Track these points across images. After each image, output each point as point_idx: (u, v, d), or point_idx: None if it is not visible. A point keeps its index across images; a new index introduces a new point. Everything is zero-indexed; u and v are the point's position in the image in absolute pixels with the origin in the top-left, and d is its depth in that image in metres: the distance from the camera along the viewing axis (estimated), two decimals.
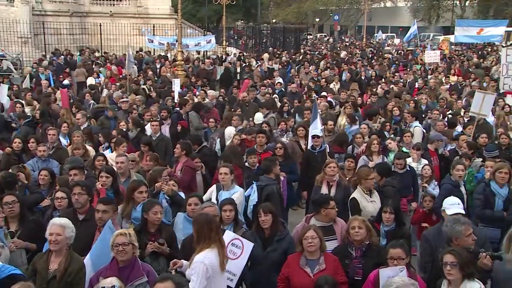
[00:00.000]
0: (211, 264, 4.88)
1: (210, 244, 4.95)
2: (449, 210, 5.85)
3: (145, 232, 5.74)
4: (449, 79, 20.39)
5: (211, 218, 5.29)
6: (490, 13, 62.10)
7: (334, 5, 75.74)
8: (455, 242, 5.15)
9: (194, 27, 38.58)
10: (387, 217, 6.24)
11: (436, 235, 5.84)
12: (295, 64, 26.72)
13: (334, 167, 7.74)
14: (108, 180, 6.95)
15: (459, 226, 5.14)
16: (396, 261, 4.98)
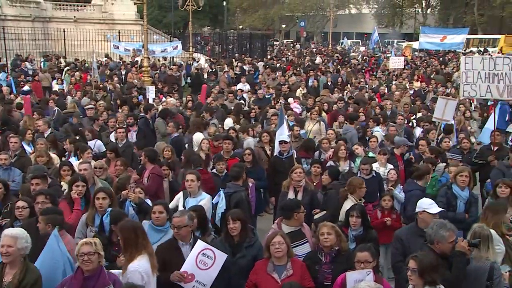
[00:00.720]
0: (145, 270, 4.99)
1: (140, 251, 5.05)
2: (432, 210, 5.94)
3: (111, 243, 5.71)
4: (412, 85, 20.81)
5: (136, 224, 5.40)
6: (450, 20, 64.03)
7: (300, 12, 76.51)
8: (436, 245, 5.21)
9: (160, 33, 38.42)
10: (354, 221, 6.28)
11: (409, 235, 5.93)
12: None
13: (301, 173, 7.79)
14: (84, 189, 6.84)
15: (444, 231, 5.19)
16: (363, 264, 5.03)
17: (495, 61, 10.26)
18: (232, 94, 16.74)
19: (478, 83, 10.29)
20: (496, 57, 10.97)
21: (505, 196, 7.03)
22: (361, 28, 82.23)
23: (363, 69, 28.37)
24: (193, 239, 5.58)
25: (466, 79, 10.42)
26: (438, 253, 5.18)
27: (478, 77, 10.30)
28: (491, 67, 10.16)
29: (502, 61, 10.20)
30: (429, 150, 9.72)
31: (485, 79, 10.23)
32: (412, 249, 5.69)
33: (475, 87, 10.36)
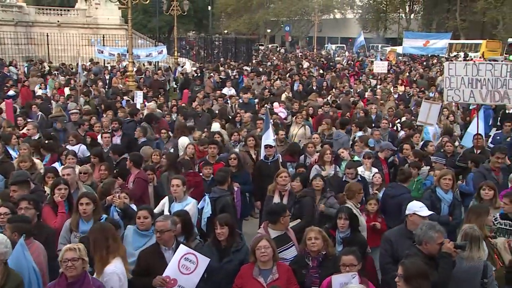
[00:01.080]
0: (122, 272, 5.06)
1: (114, 253, 5.07)
2: (422, 212, 5.97)
3: None
4: (397, 89, 20.97)
5: (106, 226, 5.41)
6: (433, 25, 64.85)
7: (285, 16, 76.95)
8: (425, 246, 5.24)
9: (145, 38, 38.31)
10: (342, 223, 6.30)
11: (398, 236, 5.96)
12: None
13: (286, 177, 7.79)
14: (66, 192, 6.78)
15: (433, 232, 5.21)
16: (348, 268, 5.04)
17: (478, 67, 10.41)
18: (222, 98, 16.78)
19: (462, 88, 10.43)
20: (479, 63, 11.12)
21: (488, 199, 7.11)
22: (346, 32, 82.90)
23: (348, 74, 28.53)
24: (175, 244, 5.57)
25: (450, 84, 10.55)
26: (425, 254, 5.22)
27: (461, 83, 10.44)
28: (474, 73, 10.31)
29: (484, 67, 10.36)
30: (413, 153, 9.77)
31: (468, 84, 10.37)
32: (400, 250, 5.74)
33: (459, 92, 10.50)
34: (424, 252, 5.22)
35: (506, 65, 10.43)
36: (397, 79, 24.68)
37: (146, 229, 6.05)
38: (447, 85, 10.66)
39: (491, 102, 10.79)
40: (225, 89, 20.02)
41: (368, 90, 20.26)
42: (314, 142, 10.73)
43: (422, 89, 20.21)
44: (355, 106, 15.94)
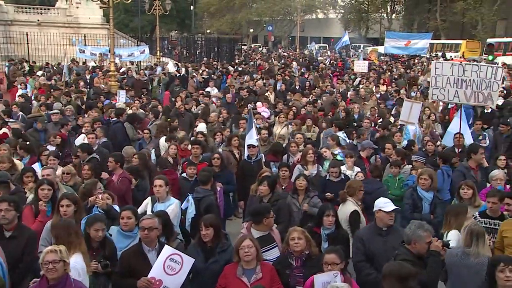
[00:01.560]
0: (82, 267, 5.08)
1: (74, 249, 5.09)
2: (387, 208, 6.02)
3: (87, 246, 5.60)
4: (379, 88, 21.10)
5: (69, 222, 5.46)
6: (414, 26, 65.45)
7: (268, 16, 77.01)
8: (413, 245, 5.32)
9: (127, 37, 38.05)
10: (330, 220, 6.42)
11: (369, 234, 6.03)
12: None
13: None
14: (50, 193, 6.70)
15: (422, 231, 5.31)
16: (330, 266, 5.08)
17: (464, 67, 10.55)
18: (207, 97, 16.73)
19: (447, 88, 10.56)
20: (465, 64, 11.26)
21: (468, 197, 7.20)
22: (328, 32, 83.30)
23: (332, 73, 28.65)
24: (159, 245, 5.55)
25: (436, 83, 10.68)
26: (414, 254, 5.30)
27: (447, 82, 10.57)
28: (460, 73, 10.45)
29: (470, 68, 10.51)
30: (395, 152, 9.87)
31: (454, 84, 10.51)
32: (372, 248, 5.84)
33: (444, 91, 10.63)
34: (412, 252, 5.30)
35: (492, 67, 10.58)
36: (379, 78, 24.84)
37: (129, 229, 6.02)
38: (432, 84, 10.79)
39: (475, 102, 10.94)
40: (208, 88, 19.99)
41: (351, 90, 20.38)
42: (297, 142, 10.76)
43: (401, 88, 20.38)
44: (337, 106, 16.01)
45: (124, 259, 5.49)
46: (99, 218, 5.88)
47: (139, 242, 5.60)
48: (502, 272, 4.66)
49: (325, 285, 4.83)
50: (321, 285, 4.85)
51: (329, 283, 4.82)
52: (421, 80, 24.49)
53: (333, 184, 8.48)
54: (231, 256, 5.71)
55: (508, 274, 4.63)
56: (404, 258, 5.22)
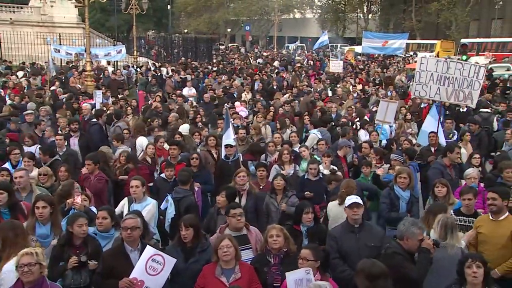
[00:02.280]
0: None
1: (18, 250, 4.93)
2: (347, 203, 6.08)
3: (69, 245, 5.61)
4: (356, 88, 21.29)
5: (16, 224, 5.41)
6: (390, 26, 66.19)
7: (245, 16, 77.02)
8: (406, 241, 5.42)
9: (104, 37, 37.67)
10: (309, 217, 6.51)
11: (342, 232, 6.08)
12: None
13: (244, 176, 7.83)
14: (2, 197, 6.50)
15: (416, 229, 5.41)
16: (301, 261, 5.16)
17: (448, 64, 10.66)
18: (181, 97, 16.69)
19: (430, 84, 10.67)
20: (450, 60, 11.36)
21: (442, 195, 7.30)
22: (305, 32, 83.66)
23: (309, 73, 28.79)
24: (141, 245, 5.52)
25: (419, 79, 10.78)
26: (404, 249, 5.40)
27: (430, 78, 10.68)
28: (444, 70, 10.56)
29: (454, 65, 10.62)
30: (373, 152, 9.93)
31: (437, 81, 10.62)
32: (345, 245, 5.90)
33: (426, 87, 10.74)
34: (403, 247, 5.40)
35: (475, 66, 10.73)
36: (356, 78, 25.03)
37: (105, 230, 5.98)
38: (416, 79, 10.89)
39: (455, 101, 11.07)
40: (185, 89, 19.91)
41: (328, 89, 20.49)
42: (275, 142, 10.79)
43: (380, 88, 20.60)
44: (315, 105, 16.09)
45: (106, 259, 5.44)
46: (80, 214, 5.87)
47: (121, 242, 5.55)
48: (469, 268, 4.79)
49: (298, 282, 4.84)
50: (293, 282, 4.86)
51: (301, 280, 4.83)
52: (397, 79, 24.76)
53: (311, 183, 8.54)
54: (211, 256, 5.71)
55: (475, 269, 4.76)
56: (395, 251, 5.37)
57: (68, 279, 5.43)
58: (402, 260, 5.32)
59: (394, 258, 5.33)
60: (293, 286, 4.84)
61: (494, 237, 6.04)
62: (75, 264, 5.43)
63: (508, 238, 5.97)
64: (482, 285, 4.83)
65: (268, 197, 7.81)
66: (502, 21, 58.42)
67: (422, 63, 10.85)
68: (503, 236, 5.99)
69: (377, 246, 5.88)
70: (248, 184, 7.85)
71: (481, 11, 60.28)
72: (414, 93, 11.29)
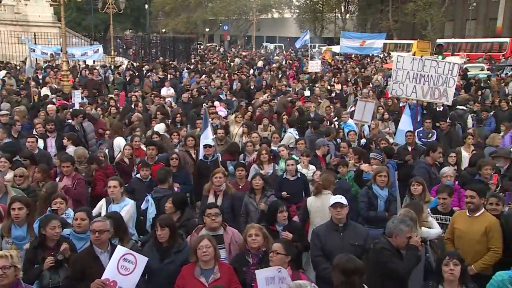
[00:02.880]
0: None
1: None
2: (332, 201, 6.15)
3: (43, 247, 5.55)
4: (334, 87, 21.40)
5: None
6: (367, 26, 66.75)
7: (223, 16, 76.93)
8: (394, 238, 5.51)
9: (80, 36, 37.23)
10: (284, 215, 6.50)
11: (326, 231, 6.12)
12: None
13: (221, 177, 7.81)
14: None
15: (404, 226, 5.50)
16: (272, 254, 5.19)
17: (423, 62, 10.75)
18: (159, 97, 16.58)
19: (406, 83, 10.76)
20: (425, 58, 11.45)
21: (417, 194, 7.38)
22: (284, 32, 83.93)
23: (288, 73, 28.85)
24: (110, 247, 5.48)
25: (396, 77, 10.86)
26: (392, 246, 5.49)
27: (406, 77, 10.76)
28: (420, 68, 10.65)
29: (430, 63, 10.71)
30: (352, 151, 9.98)
31: (413, 79, 10.71)
32: (329, 244, 5.95)
33: (403, 86, 10.82)
34: (392, 244, 5.49)
35: (449, 64, 10.85)
36: (334, 78, 25.17)
37: (83, 231, 5.93)
38: (393, 78, 10.97)
39: (431, 99, 11.19)
40: (164, 88, 19.79)
41: (306, 89, 20.58)
42: (253, 141, 10.80)
43: (358, 87, 20.76)
44: (293, 105, 16.14)
45: (76, 263, 5.38)
46: (53, 216, 5.80)
47: (90, 244, 5.51)
48: (446, 266, 4.90)
49: (269, 280, 4.83)
50: (264, 280, 4.85)
51: (273, 278, 4.83)
52: (375, 79, 24.98)
53: (289, 182, 8.57)
54: (187, 257, 5.68)
55: (452, 267, 4.86)
56: (383, 247, 5.47)
57: (45, 279, 5.38)
58: (390, 256, 5.43)
59: (382, 253, 5.44)
60: (264, 285, 4.84)
61: (470, 232, 6.16)
62: (51, 264, 5.37)
63: (483, 234, 6.09)
64: (459, 282, 4.92)
65: (247, 197, 7.82)
66: (476, 22, 59.48)
67: (398, 62, 10.95)
68: (478, 232, 6.12)
69: (361, 245, 5.95)
70: (224, 184, 7.82)
71: (456, 12, 61.26)
72: (391, 92, 11.40)
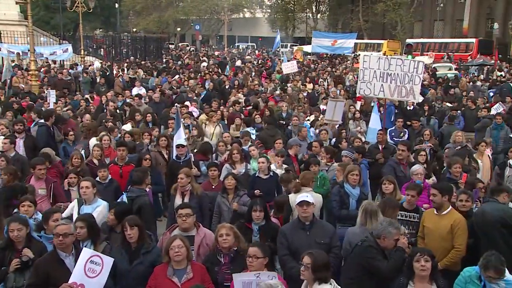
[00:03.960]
0: None
1: None
2: (298, 199, 6.18)
3: (11, 249, 5.48)
4: (305, 87, 21.50)
5: None
6: (338, 25, 67.36)
7: (195, 15, 76.55)
8: (382, 240, 5.57)
9: (49, 35, 36.55)
10: (258, 215, 6.50)
11: (292, 229, 6.15)
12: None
13: (182, 178, 7.74)
14: None
15: (392, 229, 5.57)
16: (251, 259, 5.16)
17: (389, 61, 10.88)
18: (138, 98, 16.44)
19: (373, 82, 10.87)
20: (391, 57, 11.61)
21: (389, 192, 7.49)
22: (256, 32, 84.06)
23: (261, 72, 28.87)
24: (75, 250, 5.40)
25: (363, 77, 10.96)
26: (379, 246, 5.56)
27: (373, 76, 10.87)
28: (386, 67, 10.78)
29: (395, 62, 10.86)
30: (324, 150, 10.04)
31: (380, 78, 10.83)
32: (295, 242, 5.97)
33: (370, 85, 10.93)
34: (380, 245, 5.56)
35: (414, 62, 11.00)
36: (305, 77, 25.28)
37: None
38: (360, 78, 11.06)
39: (398, 97, 11.33)
40: (135, 88, 19.59)
41: (278, 89, 20.64)
42: (225, 141, 10.78)
43: (329, 87, 20.93)
44: (266, 105, 16.17)
45: (40, 268, 5.25)
46: (14, 218, 5.74)
47: (53, 249, 5.40)
48: (418, 262, 5.02)
49: (246, 285, 4.84)
50: (240, 284, 4.86)
51: (250, 283, 4.82)
52: (350, 78, 25.13)
53: (262, 181, 8.58)
54: (156, 257, 5.65)
55: (423, 263, 4.99)
56: (370, 245, 5.57)
57: (9, 282, 5.30)
58: (376, 254, 5.52)
59: (369, 251, 5.54)
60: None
61: (437, 230, 6.30)
62: (16, 266, 5.30)
63: (448, 231, 6.24)
64: (429, 278, 5.04)
65: (219, 196, 7.81)
66: (443, 22, 60.75)
67: (365, 61, 11.07)
68: (444, 230, 6.26)
69: (327, 243, 6.00)
70: (190, 185, 7.78)
71: (424, 13, 62.41)
72: (359, 91, 11.50)
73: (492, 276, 5.00)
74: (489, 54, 41.25)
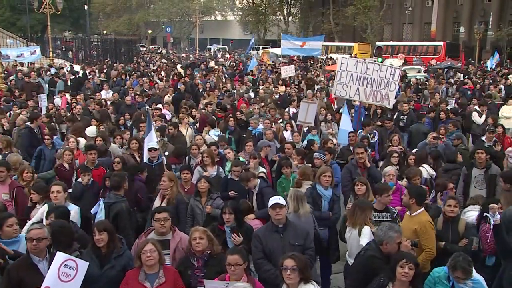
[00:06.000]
0: None
1: None
2: (270, 202, 6.15)
3: None
4: (278, 89, 21.55)
5: None
6: (310, 28, 67.85)
7: (166, 17, 76.15)
8: (385, 246, 5.51)
9: (15, 37, 35.85)
10: (227, 217, 6.46)
11: (266, 232, 6.13)
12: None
13: (165, 181, 7.70)
14: None
15: (393, 233, 5.52)
16: (233, 267, 5.09)
17: (367, 65, 11.00)
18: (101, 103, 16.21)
19: (350, 84, 10.97)
20: (368, 62, 11.72)
21: (361, 193, 7.54)
22: (227, 34, 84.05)
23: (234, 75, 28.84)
24: (49, 255, 5.30)
25: (340, 78, 11.05)
26: (383, 252, 5.51)
27: (350, 79, 10.98)
28: (363, 70, 10.90)
29: (372, 66, 11.00)
30: (295, 152, 10.07)
31: (356, 81, 10.94)
32: (269, 245, 5.95)
33: (346, 87, 11.03)
34: (382, 251, 5.52)
35: (391, 68, 11.15)
36: (278, 79, 25.30)
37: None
38: (337, 79, 11.15)
39: (373, 101, 11.45)
40: (103, 91, 19.34)
41: (250, 91, 20.65)
42: (197, 144, 10.72)
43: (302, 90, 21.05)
44: (237, 107, 16.15)
45: (12, 273, 5.14)
46: None
47: (27, 253, 5.30)
48: (402, 268, 4.97)
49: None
50: None
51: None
52: (323, 81, 25.28)
53: (234, 183, 8.54)
54: (127, 261, 5.58)
55: (407, 270, 4.94)
56: (373, 254, 5.52)
57: None
58: (380, 263, 5.43)
59: (372, 261, 5.48)
60: None
61: (406, 230, 6.34)
62: None
63: (412, 232, 6.32)
64: (410, 284, 5.01)
65: (192, 199, 7.74)
66: (412, 25, 61.88)
67: (343, 63, 11.18)
68: (410, 231, 6.34)
69: (301, 244, 5.99)
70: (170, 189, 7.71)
71: (394, 16, 63.48)
72: (334, 93, 11.60)
73: (460, 276, 5.11)
74: (456, 57, 42.21)
